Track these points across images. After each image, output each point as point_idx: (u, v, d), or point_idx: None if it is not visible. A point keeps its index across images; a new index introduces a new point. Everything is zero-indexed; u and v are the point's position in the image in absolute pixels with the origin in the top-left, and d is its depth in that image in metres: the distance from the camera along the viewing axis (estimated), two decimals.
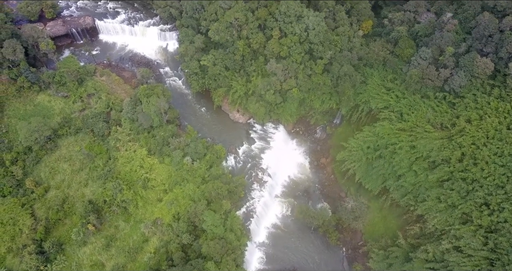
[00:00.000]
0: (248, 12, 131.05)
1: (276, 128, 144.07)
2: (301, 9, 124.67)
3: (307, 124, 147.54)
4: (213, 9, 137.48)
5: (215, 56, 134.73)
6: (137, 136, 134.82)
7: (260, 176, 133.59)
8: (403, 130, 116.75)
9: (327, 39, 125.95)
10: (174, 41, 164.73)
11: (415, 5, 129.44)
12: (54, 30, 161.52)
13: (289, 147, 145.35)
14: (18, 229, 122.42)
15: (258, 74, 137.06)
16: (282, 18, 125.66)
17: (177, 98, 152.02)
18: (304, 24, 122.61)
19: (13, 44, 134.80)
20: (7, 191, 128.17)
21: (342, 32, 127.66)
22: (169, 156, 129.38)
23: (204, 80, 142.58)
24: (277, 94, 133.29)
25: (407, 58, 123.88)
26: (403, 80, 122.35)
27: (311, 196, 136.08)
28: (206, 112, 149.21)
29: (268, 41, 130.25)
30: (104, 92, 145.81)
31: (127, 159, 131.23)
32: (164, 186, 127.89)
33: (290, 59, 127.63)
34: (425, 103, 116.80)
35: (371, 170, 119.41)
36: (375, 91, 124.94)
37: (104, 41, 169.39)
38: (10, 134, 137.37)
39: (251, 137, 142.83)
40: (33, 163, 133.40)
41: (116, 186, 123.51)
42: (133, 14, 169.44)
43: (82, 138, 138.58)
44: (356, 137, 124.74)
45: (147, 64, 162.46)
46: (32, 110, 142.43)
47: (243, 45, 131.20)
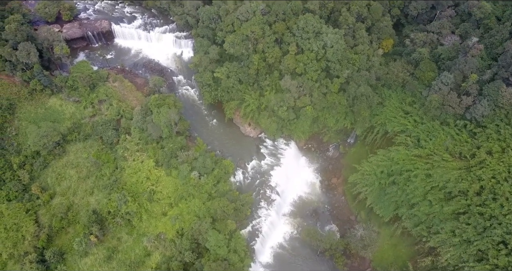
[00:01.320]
0: (265, 26, 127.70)
1: (288, 145, 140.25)
2: (319, 25, 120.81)
3: (319, 141, 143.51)
4: (230, 20, 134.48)
5: (229, 68, 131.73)
6: (145, 146, 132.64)
7: (268, 193, 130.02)
8: (419, 157, 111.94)
9: (345, 57, 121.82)
10: (189, 49, 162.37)
11: (439, 26, 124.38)
12: (70, 32, 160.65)
13: (300, 163, 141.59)
14: (21, 235, 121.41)
15: (272, 89, 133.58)
16: (300, 33, 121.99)
17: (188, 108, 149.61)
18: (322, 41, 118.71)
19: (27, 47, 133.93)
20: (13, 195, 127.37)
21: (361, 50, 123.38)
22: (177, 168, 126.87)
23: (217, 92, 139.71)
24: (290, 110, 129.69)
25: (427, 81, 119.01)
26: (423, 104, 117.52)
27: (320, 217, 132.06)
28: (217, 124, 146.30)
29: (284, 56, 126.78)
30: (115, 99, 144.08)
31: (134, 170, 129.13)
32: (169, 199, 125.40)
33: (305, 76, 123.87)
34: (444, 131, 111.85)
35: (383, 196, 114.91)
36: (393, 114, 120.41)
37: (119, 45, 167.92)
38: (20, 137, 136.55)
39: (261, 152, 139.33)
40: (41, 167, 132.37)
41: (121, 198, 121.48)
42: (150, 20, 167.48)
43: (90, 145, 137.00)
44: (370, 160, 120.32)
45: (160, 71, 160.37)
46: (43, 113, 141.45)
47: (258, 59, 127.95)
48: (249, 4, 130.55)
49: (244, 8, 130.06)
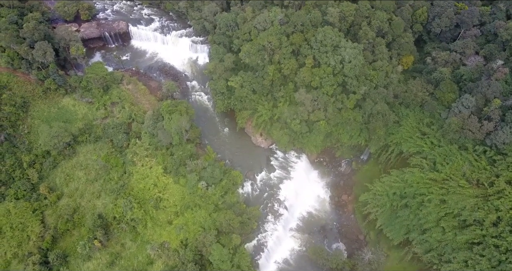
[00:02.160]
0: (282, 36, 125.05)
1: (299, 158, 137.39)
2: (338, 38, 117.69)
3: (332, 155, 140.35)
4: (247, 28, 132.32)
5: (243, 78, 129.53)
6: (155, 151, 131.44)
7: (276, 207, 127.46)
8: (434, 181, 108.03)
9: (363, 73, 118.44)
10: (205, 54, 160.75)
11: (462, 45, 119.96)
12: (88, 32, 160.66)
13: (310, 178, 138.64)
14: (26, 235, 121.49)
15: (286, 100, 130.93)
16: (317, 46, 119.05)
17: (200, 115, 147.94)
18: (340, 55, 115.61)
19: (44, 47, 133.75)
20: (21, 194, 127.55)
21: (380, 66, 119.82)
22: (185, 177, 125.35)
23: (230, 100, 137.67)
24: (303, 123, 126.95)
25: (447, 103, 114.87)
26: (441, 126, 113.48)
27: (328, 234, 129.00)
28: (228, 133, 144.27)
29: (300, 69, 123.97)
30: (128, 102, 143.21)
31: (142, 175, 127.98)
32: (176, 207, 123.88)
33: (321, 90, 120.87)
34: (462, 156, 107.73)
35: (394, 218, 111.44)
36: (409, 134, 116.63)
37: (135, 47, 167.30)
38: (32, 135, 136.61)
39: (272, 164, 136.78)
40: (50, 167, 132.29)
41: (127, 204, 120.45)
42: (167, 23, 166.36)
43: (100, 147, 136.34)
44: (383, 180, 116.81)
45: (175, 75, 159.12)
46: (56, 113, 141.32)
47: (273, 70, 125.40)
48: (267, 14, 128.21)
49: (262, 17, 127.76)
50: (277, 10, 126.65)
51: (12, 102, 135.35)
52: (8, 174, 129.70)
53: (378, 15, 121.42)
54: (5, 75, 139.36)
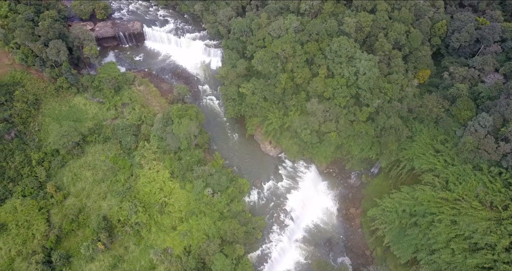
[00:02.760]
0: (297, 44, 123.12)
1: (308, 168, 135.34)
2: (353, 49, 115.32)
3: (341, 167, 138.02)
4: (262, 35, 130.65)
5: (255, 85, 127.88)
6: (163, 155, 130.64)
7: (282, 218, 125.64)
8: (446, 200, 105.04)
9: (377, 86, 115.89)
10: (218, 58, 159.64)
11: (482, 62, 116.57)
12: (102, 31, 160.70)
13: (318, 188, 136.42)
14: (31, 234, 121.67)
15: (297, 109, 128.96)
16: (332, 56, 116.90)
17: (210, 119, 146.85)
18: (355, 67, 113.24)
19: (58, 46, 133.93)
20: (28, 191, 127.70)
21: (395, 79, 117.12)
22: (191, 182, 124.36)
23: (241, 107, 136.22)
24: (314, 134, 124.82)
25: (463, 120, 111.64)
26: (455, 144, 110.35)
27: (334, 247, 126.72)
28: (238, 139, 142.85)
29: (313, 78, 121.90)
30: (138, 103, 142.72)
31: (148, 179, 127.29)
32: (181, 213, 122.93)
33: (333, 101, 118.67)
34: (476, 176, 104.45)
35: (402, 237, 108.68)
36: (422, 150, 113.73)
37: (148, 48, 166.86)
38: (42, 133, 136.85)
39: (280, 172, 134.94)
40: (58, 166, 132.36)
41: (132, 207, 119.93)
42: (182, 25, 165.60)
43: (109, 148, 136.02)
44: (392, 196, 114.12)
45: (186, 78, 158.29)
46: (67, 111, 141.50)
47: (286, 78, 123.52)
48: (282, 21, 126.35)
49: (277, 24, 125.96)
50: (292, 17, 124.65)
51: (24, 99, 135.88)
52: (17, 170, 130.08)
53: (396, 27, 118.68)
54: (19, 72, 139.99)
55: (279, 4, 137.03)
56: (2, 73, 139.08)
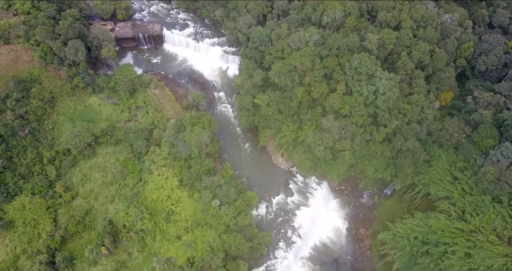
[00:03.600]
0: (316, 58, 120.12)
1: (319, 184, 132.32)
2: (374, 67, 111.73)
3: (354, 185, 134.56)
4: (281, 46, 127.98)
5: (270, 97, 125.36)
6: (173, 162, 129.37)
7: (289, 234, 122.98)
8: (461, 231, 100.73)
9: (397, 106, 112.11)
10: (235, 65, 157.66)
11: (509, 88, 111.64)
12: (122, 32, 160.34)
13: (329, 205, 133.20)
14: (37, 233, 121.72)
15: (312, 124, 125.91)
16: (351, 73, 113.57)
17: (224, 128, 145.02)
18: (374, 86, 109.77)
19: (76, 45, 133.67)
20: (38, 189, 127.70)
21: (415, 100, 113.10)
22: (199, 192, 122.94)
23: (254, 117, 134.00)
24: (328, 150, 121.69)
25: (485, 149, 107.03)
26: (475, 173, 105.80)
27: (340, 267, 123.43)
28: (250, 149, 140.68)
29: (330, 94, 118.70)
30: (152, 107, 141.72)
31: (157, 185, 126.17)
32: (187, 222, 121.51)
33: (350, 119, 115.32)
34: (495, 209, 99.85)
35: (413, 265, 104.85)
36: (439, 176, 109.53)
37: (167, 51, 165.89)
38: (55, 131, 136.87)
39: (290, 187, 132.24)
40: (69, 165, 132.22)
41: (138, 214, 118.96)
42: (201, 29, 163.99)
43: (120, 150, 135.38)
44: (405, 222, 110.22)
45: (202, 84, 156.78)
46: (81, 111, 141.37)
47: (302, 92, 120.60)
48: (303, 33, 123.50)
49: (297, 36, 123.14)
50: (313, 30, 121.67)
51: (40, 96, 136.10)
52: (28, 167, 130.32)
53: (420, 46, 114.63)
54: (37, 69, 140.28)
55: (300, 15, 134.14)
56: (21, 69, 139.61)
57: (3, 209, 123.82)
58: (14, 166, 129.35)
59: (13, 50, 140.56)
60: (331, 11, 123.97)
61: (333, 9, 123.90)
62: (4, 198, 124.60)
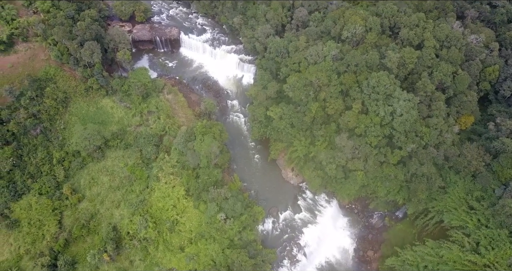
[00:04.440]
0: (333, 74, 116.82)
1: (329, 202, 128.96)
2: (393, 87, 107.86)
3: (365, 204, 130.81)
4: (298, 58, 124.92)
5: (283, 110, 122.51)
6: (181, 170, 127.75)
7: (295, 252, 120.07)
8: (474, 264, 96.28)
9: (414, 129, 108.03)
10: (251, 74, 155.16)
11: None
12: (140, 34, 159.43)
13: (337, 224, 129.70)
14: (41, 234, 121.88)
15: (325, 140, 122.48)
16: (369, 91, 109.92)
17: (235, 137, 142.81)
18: (392, 107, 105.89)
19: (92, 47, 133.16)
20: (45, 190, 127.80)
21: (434, 124, 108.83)
22: (206, 203, 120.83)
23: (266, 129, 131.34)
24: (340, 169, 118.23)
25: (505, 179, 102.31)
26: (493, 204, 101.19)
27: None
28: (259, 161, 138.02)
29: (346, 111, 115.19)
30: (164, 113, 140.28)
31: (163, 194, 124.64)
32: (190, 233, 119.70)
33: (364, 139, 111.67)
34: None
35: None
36: (454, 204, 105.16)
37: (183, 55, 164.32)
38: (67, 132, 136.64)
39: (298, 203, 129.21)
40: (78, 167, 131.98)
41: (142, 222, 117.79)
42: (219, 36, 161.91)
43: (129, 155, 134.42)
44: (415, 249, 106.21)
45: (216, 92, 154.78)
46: (94, 112, 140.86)
47: (317, 107, 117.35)
48: (321, 47, 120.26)
49: (314, 49, 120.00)
50: (332, 45, 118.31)
51: (54, 96, 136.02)
52: (37, 167, 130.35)
53: (443, 67, 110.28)
54: (53, 68, 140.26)
55: (320, 28, 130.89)
56: (37, 67, 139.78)
57: (10, 208, 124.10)
58: (23, 164, 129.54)
59: (31, 48, 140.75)
60: (351, 26, 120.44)
61: (354, 24, 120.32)
62: (11, 196, 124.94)
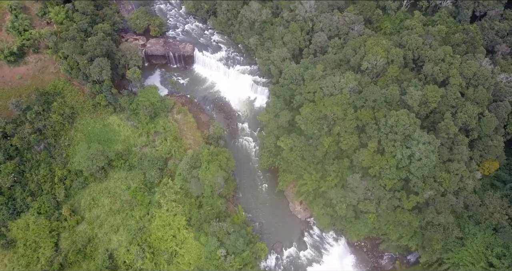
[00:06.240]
0: (349, 108, 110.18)
1: (337, 240, 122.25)
2: (413, 127, 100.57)
3: (375, 244, 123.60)
4: (313, 87, 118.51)
5: (294, 142, 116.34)
6: (184, 197, 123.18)
7: None
8: None
9: (433, 174, 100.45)
10: (264, 97, 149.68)
11: None
12: (153, 49, 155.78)
13: (344, 262, 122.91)
14: (36, 257, 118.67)
15: (337, 176, 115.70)
16: (386, 130, 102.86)
17: (243, 163, 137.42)
18: (410, 149, 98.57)
19: (102, 65, 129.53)
20: (44, 209, 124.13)
21: (455, 169, 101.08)
22: (207, 235, 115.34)
23: (276, 159, 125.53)
24: (350, 208, 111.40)
25: None
26: None
27: None
28: (266, 191, 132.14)
29: (360, 149, 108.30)
30: (171, 135, 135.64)
31: (163, 222, 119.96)
32: (189, 266, 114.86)
33: (378, 181, 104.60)
34: None
35: None
36: (471, 259, 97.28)
37: (196, 72, 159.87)
38: (71, 149, 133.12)
39: (304, 240, 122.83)
40: (79, 187, 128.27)
41: (139, 253, 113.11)
42: (234, 55, 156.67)
43: (132, 177, 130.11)
44: None
45: (227, 113, 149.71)
46: (100, 129, 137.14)
47: (330, 142, 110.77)
48: (338, 78, 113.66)
49: (331, 80, 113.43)
50: (350, 77, 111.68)
51: (61, 111, 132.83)
52: (39, 184, 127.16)
53: (468, 108, 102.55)
54: (62, 82, 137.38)
55: (339, 55, 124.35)
56: (46, 80, 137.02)
57: (7, 226, 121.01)
58: (25, 180, 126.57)
59: (41, 59, 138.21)
60: (372, 57, 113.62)
61: (375, 55, 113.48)
62: (10, 214, 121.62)
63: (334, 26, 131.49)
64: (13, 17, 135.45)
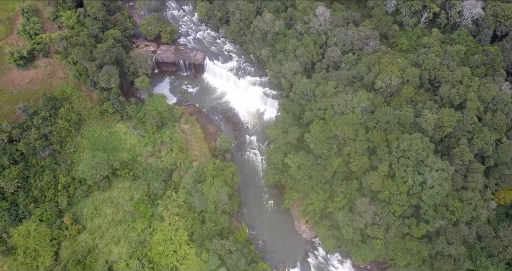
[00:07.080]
0: (360, 128, 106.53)
1: (342, 263, 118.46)
2: (426, 152, 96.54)
3: (381, 268, 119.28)
4: (324, 105, 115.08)
5: (302, 160, 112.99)
6: (187, 212, 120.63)
7: None
8: None
9: (445, 203, 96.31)
10: (273, 109, 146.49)
11: None
12: (164, 56, 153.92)
13: None
14: (35, 265, 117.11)
15: (345, 197, 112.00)
16: (398, 154, 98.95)
17: (249, 177, 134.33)
18: (423, 176, 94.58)
19: (110, 73, 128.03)
20: (46, 217, 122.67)
21: (468, 198, 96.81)
22: (208, 252, 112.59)
23: (282, 176, 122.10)
24: (357, 232, 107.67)
25: None
26: None
27: None
28: (272, 208, 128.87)
29: (370, 171, 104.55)
30: (178, 146, 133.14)
31: (165, 237, 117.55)
32: None
33: (387, 207, 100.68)
34: None
35: None
36: None
37: (205, 81, 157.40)
38: (76, 155, 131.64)
39: (309, 260, 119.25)
40: (82, 195, 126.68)
41: (139, 268, 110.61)
42: (245, 65, 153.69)
43: (136, 187, 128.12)
44: None
45: (236, 125, 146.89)
46: (106, 137, 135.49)
47: (339, 163, 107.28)
48: (350, 97, 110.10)
49: (343, 98, 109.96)
50: (363, 96, 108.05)
51: (68, 117, 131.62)
52: (42, 191, 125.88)
53: (485, 134, 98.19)
54: (70, 87, 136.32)
55: (352, 72, 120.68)
56: (54, 85, 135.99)
57: (8, 232, 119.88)
58: (28, 186, 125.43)
59: (51, 64, 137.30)
60: (387, 76, 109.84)
61: (389, 74, 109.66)
62: (12, 220, 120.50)
63: (349, 41, 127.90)
64: (24, 20, 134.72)
